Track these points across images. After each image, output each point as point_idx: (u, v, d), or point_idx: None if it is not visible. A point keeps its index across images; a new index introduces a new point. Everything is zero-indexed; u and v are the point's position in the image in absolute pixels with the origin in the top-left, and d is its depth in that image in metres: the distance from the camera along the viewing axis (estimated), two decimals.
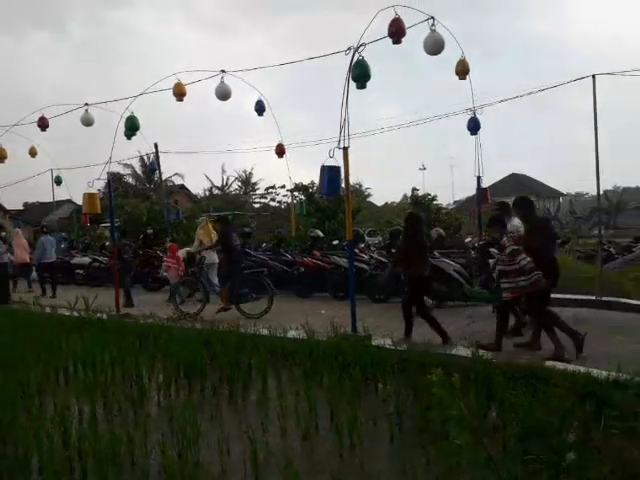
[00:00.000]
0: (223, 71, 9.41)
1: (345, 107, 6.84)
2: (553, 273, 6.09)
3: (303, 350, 5.57)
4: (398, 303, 9.25)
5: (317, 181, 7.67)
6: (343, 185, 7.18)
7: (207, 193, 42.01)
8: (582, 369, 4.66)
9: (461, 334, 6.58)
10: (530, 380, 4.34)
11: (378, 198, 43.99)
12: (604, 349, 5.82)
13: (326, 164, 6.77)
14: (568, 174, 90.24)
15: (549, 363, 5.05)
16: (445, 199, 37.93)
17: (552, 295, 9.29)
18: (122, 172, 37.86)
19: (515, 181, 46.53)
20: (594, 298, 9.03)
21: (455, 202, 39.91)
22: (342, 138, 6.76)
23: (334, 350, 5.36)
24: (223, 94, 9.47)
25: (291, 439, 3.89)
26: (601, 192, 10.84)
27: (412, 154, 70.72)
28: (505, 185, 43.06)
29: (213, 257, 10.35)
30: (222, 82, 9.42)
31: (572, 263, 13.49)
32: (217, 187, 42.67)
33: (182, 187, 38.63)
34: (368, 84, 6.95)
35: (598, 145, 9.45)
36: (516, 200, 6.79)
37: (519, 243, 6.02)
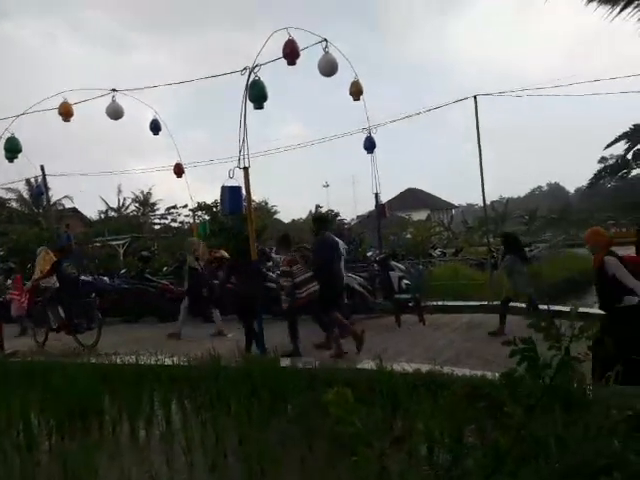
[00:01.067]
0: (114, 90, 9.04)
1: (243, 127, 6.83)
2: (332, 284, 6.90)
3: (209, 377, 5.39)
4: (306, 321, 9.36)
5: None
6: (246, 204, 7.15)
7: (102, 216, 39.71)
8: (478, 373, 4.94)
9: (366, 347, 6.73)
10: (431, 387, 4.53)
11: (285, 215, 44.16)
12: (494, 351, 6.23)
13: (227, 184, 6.70)
14: (460, 187, 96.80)
15: (447, 369, 5.28)
16: (349, 214, 38.98)
17: (449, 302, 9.84)
18: (5, 196, 34.77)
19: (411, 195, 48.95)
20: (486, 303, 9.67)
21: (358, 217, 41.21)
22: (242, 157, 6.74)
23: (241, 374, 5.25)
24: (114, 113, 9.08)
25: (198, 473, 3.74)
26: (488, 203, 11.73)
27: (316, 171, 72.34)
28: (402, 200, 45.15)
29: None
30: (114, 101, 9.04)
31: (465, 271, 14.42)
32: (112, 209, 40.50)
33: (74, 210, 36.20)
34: (270, 103, 7.02)
35: (482, 159, 10.26)
36: (314, 218, 7.62)
37: (293, 263, 6.85)
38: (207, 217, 16.70)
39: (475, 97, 10.47)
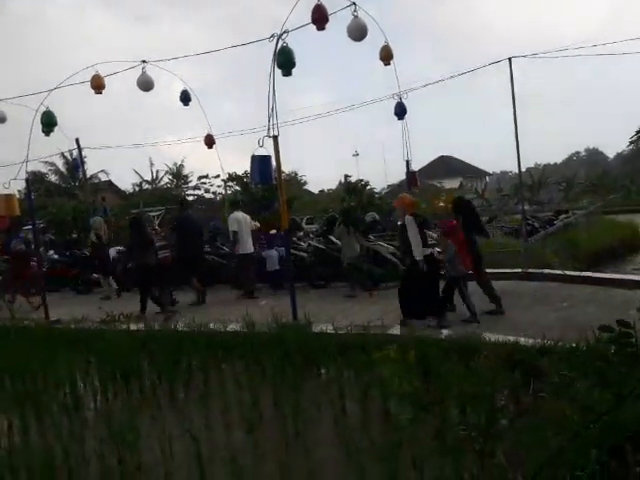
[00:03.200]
0: (144, 61, 9.05)
1: (272, 95, 6.79)
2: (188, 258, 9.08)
3: (244, 343, 5.53)
4: (338, 288, 9.43)
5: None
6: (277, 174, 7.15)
7: (136, 188, 40.43)
8: (511, 338, 4.91)
9: (399, 314, 6.75)
10: (463, 353, 4.53)
11: (315, 186, 44.01)
12: (529, 317, 6.17)
13: (256, 153, 6.70)
14: (493, 153, 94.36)
15: (481, 335, 5.24)
16: (379, 184, 38.54)
17: (487, 270, 9.74)
18: (43, 170, 35.71)
19: (444, 163, 48.04)
20: (520, 271, 9.52)
21: (389, 186, 40.76)
22: (271, 126, 6.71)
23: (275, 340, 5.36)
24: (145, 85, 9.10)
25: (235, 434, 3.87)
26: (524, 170, 11.42)
27: (345, 140, 71.48)
28: (434, 168, 44.34)
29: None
30: (144, 72, 9.05)
31: (499, 239, 14.19)
32: (147, 181, 41.16)
33: (110, 184, 36.96)
34: (297, 71, 6.93)
35: (517, 125, 9.93)
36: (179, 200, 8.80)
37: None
38: (238, 188, 16.78)
39: (510, 59, 10.07)
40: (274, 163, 7.02)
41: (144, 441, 3.57)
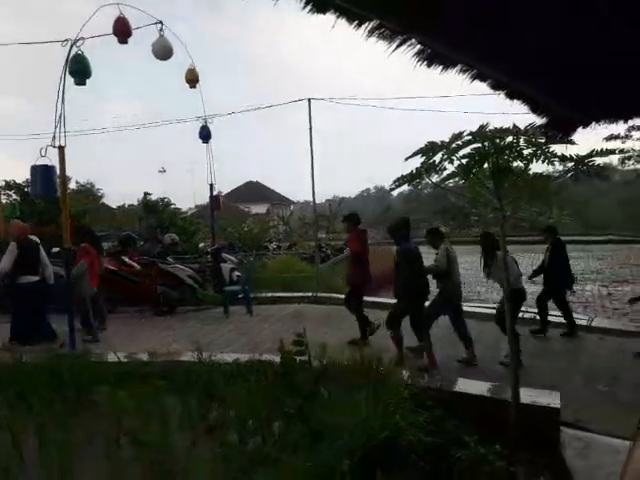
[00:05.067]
0: None
1: (61, 104, 6.24)
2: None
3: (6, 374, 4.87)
4: (132, 312, 8.95)
5: None
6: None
7: None
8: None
9: (191, 338, 6.66)
10: (248, 376, 4.66)
11: (117, 199, 41.10)
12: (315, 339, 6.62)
13: (38, 163, 6.08)
14: (298, 184, 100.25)
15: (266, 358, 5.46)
16: (188, 203, 37.70)
17: (278, 294, 10.19)
18: None
19: (252, 188, 49.25)
20: (311, 295, 10.22)
21: (196, 207, 40.21)
22: (57, 135, 6.16)
23: (45, 371, 4.83)
24: None
25: None
26: (324, 201, 12.47)
27: (154, 155, 68.44)
28: (243, 192, 45.25)
29: None
30: None
31: (297, 264, 15.05)
32: None
33: None
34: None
35: (314, 159, 10.81)
36: None
37: None
38: (18, 198, 14.86)
39: (309, 100, 10.99)
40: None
41: None
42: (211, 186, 10.73)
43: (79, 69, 6.26)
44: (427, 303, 6.20)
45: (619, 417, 4.21)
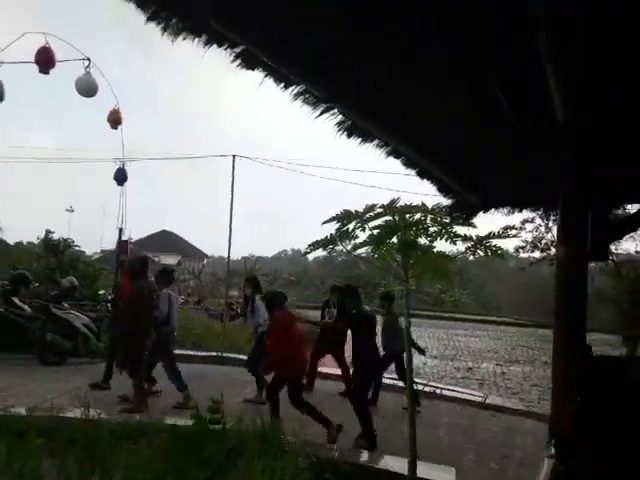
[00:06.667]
0: None
1: None
2: None
3: None
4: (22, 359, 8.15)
5: None
6: None
7: None
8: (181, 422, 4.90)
9: (79, 393, 6.13)
10: (137, 438, 4.34)
11: (17, 235, 38.11)
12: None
13: None
14: (214, 238, 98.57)
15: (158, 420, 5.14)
16: (93, 247, 35.73)
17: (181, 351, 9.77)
18: None
19: (165, 237, 47.87)
20: (216, 354, 9.87)
21: (103, 251, 38.23)
22: None
23: None
24: None
25: None
26: (240, 258, 12.37)
27: (64, 192, 64.69)
28: (155, 241, 43.81)
29: None
30: None
31: (205, 321, 14.57)
32: None
33: None
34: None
35: (232, 217, 10.80)
36: None
37: None
38: None
39: (234, 156, 11.12)
40: None
41: None
42: (120, 230, 10.28)
43: None
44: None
45: None
